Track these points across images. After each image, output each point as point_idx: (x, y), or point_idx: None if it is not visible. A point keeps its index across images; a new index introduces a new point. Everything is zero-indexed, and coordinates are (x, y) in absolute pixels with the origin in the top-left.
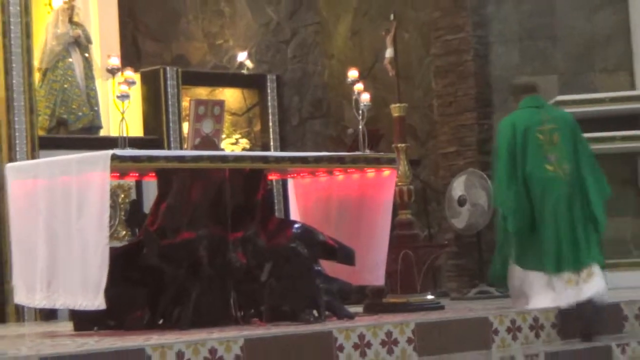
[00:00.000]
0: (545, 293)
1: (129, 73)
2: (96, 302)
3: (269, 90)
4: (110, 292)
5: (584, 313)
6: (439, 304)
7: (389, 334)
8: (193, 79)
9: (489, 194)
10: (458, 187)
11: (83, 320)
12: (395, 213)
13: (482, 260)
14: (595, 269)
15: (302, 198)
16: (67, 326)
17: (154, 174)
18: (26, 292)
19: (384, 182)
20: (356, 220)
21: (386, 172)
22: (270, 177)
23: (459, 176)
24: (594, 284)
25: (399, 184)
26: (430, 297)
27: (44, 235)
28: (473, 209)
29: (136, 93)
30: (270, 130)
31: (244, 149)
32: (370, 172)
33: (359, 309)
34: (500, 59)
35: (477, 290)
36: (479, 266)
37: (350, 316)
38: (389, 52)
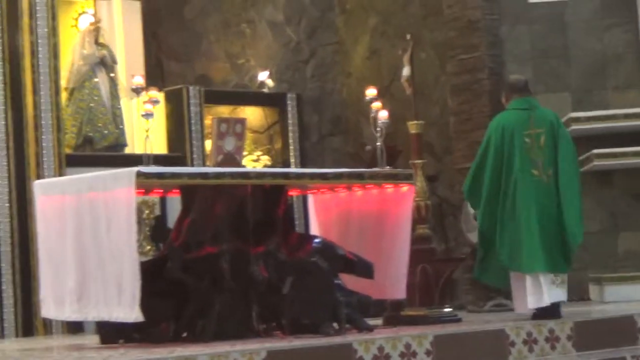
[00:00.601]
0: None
1: (153, 92)
2: (133, 314)
3: (289, 109)
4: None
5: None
6: (456, 316)
7: (407, 346)
8: (215, 97)
9: None
10: None
11: (109, 333)
12: (412, 228)
13: None
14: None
15: (322, 213)
16: (94, 339)
17: (177, 190)
18: (55, 306)
19: (402, 198)
20: (376, 235)
21: (404, 188)
22: (290, 193)
23: None
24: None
25: (417, 199)
26: (447, 309)
27: (73, 250)
28: None
29: (160, 112)
30: (291, 147)
31: (265, 166)
32: (389, 188)
33: (378, 321)
34: None
35: (493, 302)
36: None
37: (370, 329)
38: (406, 71)
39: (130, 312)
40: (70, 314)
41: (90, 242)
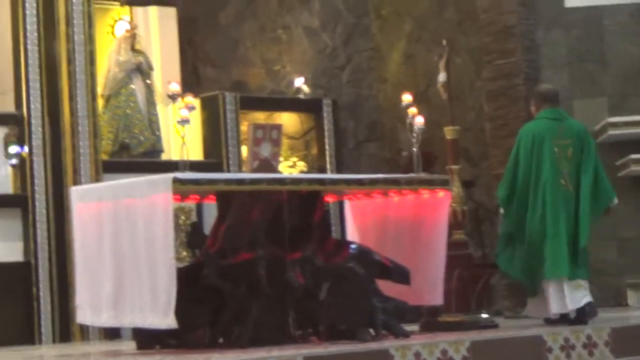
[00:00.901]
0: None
1: (189, 98)
2: (166, 321)
3: (325, 115)
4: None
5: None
6: (493, 322)
7: (444, 352)
8: (251, 103)
9: None
10: None
11: (146, 339)
12: (449, 233)
13: None
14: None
15: (358, 219)
16: (131, 345)
17: (214, 197)
18: (91, 312)
19: (439, 203)
20: (412, 241)
21: (440, 194)
22: (327, 199)
23: None
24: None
25: (453, 204)
26: (484, 315)
27: (109, 256)
28: None
29: (196, 118)
30: (327, 153)
31: (301, 172)
32: (425, 194)
33: (414, 327)
34: (549, 83)
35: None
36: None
37: (407, 334)
38: (441, 77)
39: (164, 318)
40: (106, 320)
41: (127, 249)
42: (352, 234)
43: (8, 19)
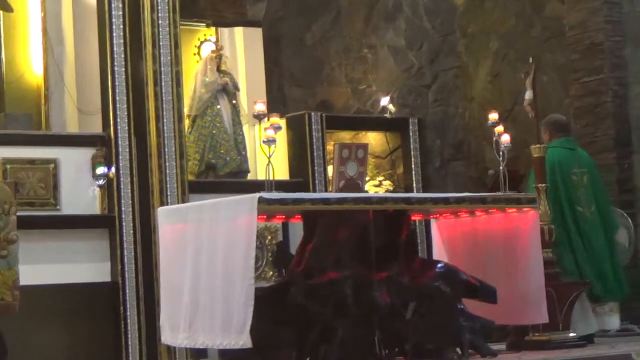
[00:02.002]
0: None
1: (275, 118)
2: (240, 341)
3: (411, 133)
4: (258, 331)
5: None
6: (582, 341)
7: None
8: (337, 123)
9: (630, 232)
10: None
11: (232, 359)
12: None
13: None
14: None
15: (446, 238)
16: None
17: (299, 216)
18: (171, 332)
19: (528, 222)
20: (504, 260)
21: (530, 213)
22: (413, 218)
23: None
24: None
25: (540, 223)
26: (572, 334)
27: (189, 275)
28: None
29: (282, 138)
30: (413, 172)
31: (387, 191)
32: (512, 213)
33: (501, 346)
34: (638, 99)
35: (619, 327)
36: (621, 304)
37: (494, 354)
38: (528, 94)
39: (237, 338)
40: (182, 340)
41: (205, 267)
42: (439, 253)
43: (95, 41)
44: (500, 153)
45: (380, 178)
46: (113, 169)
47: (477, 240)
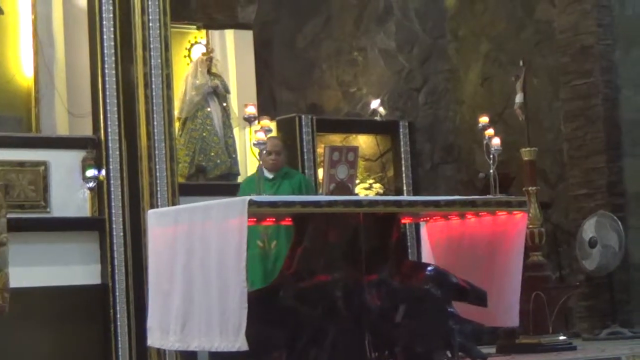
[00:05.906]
0: None
1: (266, 121)
2: (237, 343)
3: (401, 136)
4: (248, 334)
5: None
6: (571, 344)
7: None
8: (327, 126)
9: (620, 235)
10: (589, 229)
11: None
12: (526, 255)
13: (613, 301)
14: None
15: (434, 240)
16: None
17: (290, 219)
18: (160, 335)
19: (516, 225)
20: (489, 263)
21: (517, 215)
22: (403, 221)
23: (590, 218)
24: None
25: (530, 226)
26: (562, 337)
27: (181, 278)
28: (604, 250)
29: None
30: (403, 175)
31: (377, 194)
32: (502, 215)
33: (491, 349)
34: (629, 103)
35: (609, 331)
36: (611, 307)
37: (483, 357)
38: (519, 98)
39: (234, 340)
40: (173, 342)
41: (198, 270)
42: (429, 255)
43: (86, 44)
44: (491, 156)
45: (371, 181)
46: (103, 172)
47: (462, 243)
